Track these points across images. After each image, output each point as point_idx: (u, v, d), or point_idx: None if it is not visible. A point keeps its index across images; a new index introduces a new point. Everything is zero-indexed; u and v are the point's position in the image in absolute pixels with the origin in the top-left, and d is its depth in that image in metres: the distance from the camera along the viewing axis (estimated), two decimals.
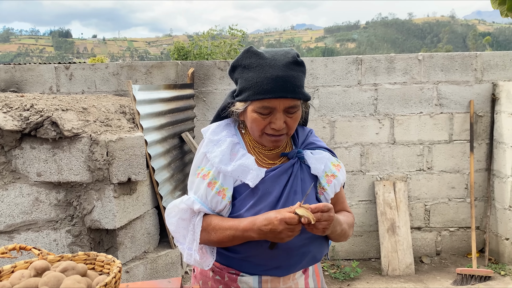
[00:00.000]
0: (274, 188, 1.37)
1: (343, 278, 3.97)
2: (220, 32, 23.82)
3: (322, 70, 4.17)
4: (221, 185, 1.36)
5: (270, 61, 1.31)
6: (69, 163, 2.45)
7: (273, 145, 1.41)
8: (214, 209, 1.38)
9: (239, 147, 1.43)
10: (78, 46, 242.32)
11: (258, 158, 1.43)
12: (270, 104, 1.30)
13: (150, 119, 2.99)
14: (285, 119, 1.33)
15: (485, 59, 4.21)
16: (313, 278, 1.52)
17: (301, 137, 1.52)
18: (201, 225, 1.37)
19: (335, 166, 1.48)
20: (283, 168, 1.40)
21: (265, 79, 1.29)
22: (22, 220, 2.48)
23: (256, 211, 1.35)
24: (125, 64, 4.11)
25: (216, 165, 1.37)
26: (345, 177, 1.54)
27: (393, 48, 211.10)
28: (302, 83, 1.35)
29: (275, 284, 1.40)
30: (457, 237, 4.41)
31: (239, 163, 1.37)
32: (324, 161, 1.45)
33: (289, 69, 1.30)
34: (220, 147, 1.40)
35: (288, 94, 1.29)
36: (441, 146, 4.28)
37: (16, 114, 2.42)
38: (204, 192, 1.37)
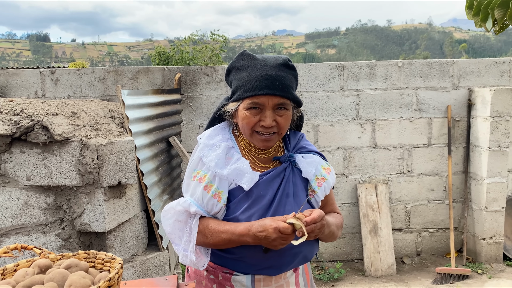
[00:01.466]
0: (267, 191, 1.42)
1: (327, 279, 4.06)
2: (202, 37, 23.88)
3: (306, 76, 4.27)
4: (217, 188, 1.41)
5: (261, 62, 1.38)
6: (59, 167, 2.47)
7: (263, 145, 1.44)
8: (210, 212, 1.43)
9: (234, 151, 1.47)
10: (56, 51, 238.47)
11: (251, 162, 1.48)
12: (259, 100, 1.36)
13: (138, 123, 3.04)
14: (275, 117, 1.38)
15: (461, 66, 4.38)
16: (303, 277, 1.58)
17: (293, 142, 1.57)
18: (198, 227, 1.42)
19: (325, 169, 1.54)
20: (275, 172, 1.45)
21: (255, 77, 1.35)
22: (11, 224, 2.49)
23: (250, 214, 1.40)
24: (111, 69, 4.14)
25: (212, 169, 1.42)
26: (335, 180, 1.60)
27: (373, 54, 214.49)
28: (292, 85, 1.41)
29: (267, 283, 1.46)
30: (437, 237, 4.56)
31: (234, 167, 1.42)
32: (314, 165, 1.51)
33: (279, 69, 1.37)
34: (216, 151, 1.45)
35: (276, 91, 1.35)
36: (421, 150, 4.43)
37: (6, 118, 2.44)
38: (200, 195, 1.41)
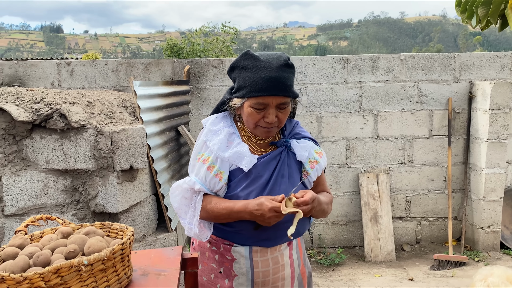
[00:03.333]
0: (264, 172, 1.61)
1: (328, 264, 4.23)
2: (213, 29, 23.97)
3: (310, 69, 4.42)
4: (219, 169, 1.59)
5: (265, 63, 1.53)
6: (76, 152, 2.67)
7: (265, 136, 1.64)
8: (212, 190, 1.61)
9: (235, 137, 1.66)
10: (69, 42, 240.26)
11: (250, 146, 1.66)
12: (264, 100, 1.53)
13: (149, 112, 3.22)
14: (276, 114, 1.56)
15: (463, 60, 4.49)
16: (296, 251, 1.75)
17: (288, 128, 1.75)
18: (201, 203, 1.61)
19: (317, 153, 1.72)
20: (272, 155, 1.64)
21: (260, 79, 1.51)
22: (32, 204, 2.70)
23: (249, 191, 1.58)
24: (123, 61, 4.33)
25: (215, 152, 1.60)
26: (326, 163, 1.77)
27: (385, 47, 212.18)
28: (292, 83, 1.59)
29: (263, 254, 1.63)
30: (436, 226, 4.70)
31: (235, 151, 1.60)
32: (308, 149, 1.69)
33: (281, 70, 1.53)
34: (219, 136, 1.63)
35: (279, 92, 1.52)
36: (421, 141, 4.56)
37: (27, 106, 2.64)
38: (204, 175, 1.60)
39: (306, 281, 1.81)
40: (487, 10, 1.91)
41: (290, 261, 1.70)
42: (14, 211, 2.68)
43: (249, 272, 1.62)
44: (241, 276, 1.63)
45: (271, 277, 1.64)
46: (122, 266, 1.31)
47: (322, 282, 3.81)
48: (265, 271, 1.63)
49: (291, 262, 1.70)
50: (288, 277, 1.69)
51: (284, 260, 1.67)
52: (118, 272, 1.30)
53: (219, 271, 1.67)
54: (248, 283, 1.63)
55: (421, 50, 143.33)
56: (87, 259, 1.17)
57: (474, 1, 2.00)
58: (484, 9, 1.93)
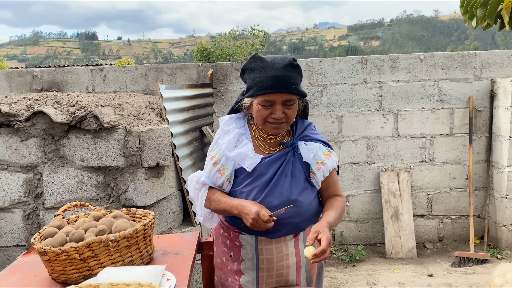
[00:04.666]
0: (267, 171, 1.74)
1: (349, 260, 4.34)
2: (242, 32, 24.27)
3: (330, 70, 4.55)
4: (222, 165, 1.78)
5: (270, 64, 1.67)
6: (108, 150, 2.92)
7: (275, 132, 1.75)
8: (215, 183, 1.80)
9: (244, 137, 1.81)
10: (103, 48, 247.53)
11: (260, 144, 1.81)
12: (270, 98, 1.66)
13: (175, 114, 3.45)
14: (283, 110, 1.69)
15: (483, 58, 4.50)
16: (304, 242, 1.83)
17: (299, 130, 1.85)
18: (206, 195, 1.81)
19: (325, 155, 1.79)
20: (277, 156, 1.76)
21: (266, 78, 1.65)
22: (69, 198, 2.97)
23: (251, 187, 1.74)
24: (152, 66, 4.59)
25: (222, 150, 1.79)
26: (336, 163, 1.83)
27: (419, 46, 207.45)
28: (297, 82, 1.71)
29: (268, 243, 1.78)
30: (459, 224, 4.72)
31: (239, 151, 1.76)
32: (314, 150, 1.78)
33: (285, 70, 1.66)
34: (229, 136, 1.80)
35: (283, 89, 1.65)
36: (442, 139, 4.60)
37: (64, 109, 2.91)
38: (209, 170, 1.80)
39: (316, 272, 1.91)
40: (485, 11, 2.01)
41: (296, 251, 1.81)
42: (53, 204, 2.95)
43: (254, 258, 1.78)
44: (247, 261, 1.79)
45: (275, 264, 1.77)
46: (144, 244, 1.51)
47: (341, 277, 3.92)
48: (269, 258, 1.77)
49: (297, 252, 1.81)
50: (293, 266, 1.80)
51: (289, 250, 1.79)
52: (141, 249, 1.50)
53: (230, 255, 1.85)
54: (254, 268, 1.79)
55: (456, 48, 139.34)
56: (114, 235, 1.37)
57: (474, 3, 2.11)
58: (482, 10, 2.04)
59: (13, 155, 2.92)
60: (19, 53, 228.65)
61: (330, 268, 4.17)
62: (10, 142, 2.91)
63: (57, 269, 1.38)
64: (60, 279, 1.40)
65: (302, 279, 1.84)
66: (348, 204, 4.72)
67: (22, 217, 2.98)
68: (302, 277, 1.84)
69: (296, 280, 1.83)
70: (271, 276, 1.81)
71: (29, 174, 2.94)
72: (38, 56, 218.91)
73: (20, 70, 4.69)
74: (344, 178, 4.67)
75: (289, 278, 1.81)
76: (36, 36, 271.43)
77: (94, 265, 1.38)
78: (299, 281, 1.84)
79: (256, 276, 1.80)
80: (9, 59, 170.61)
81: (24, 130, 2.90)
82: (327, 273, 4.02)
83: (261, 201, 1.72)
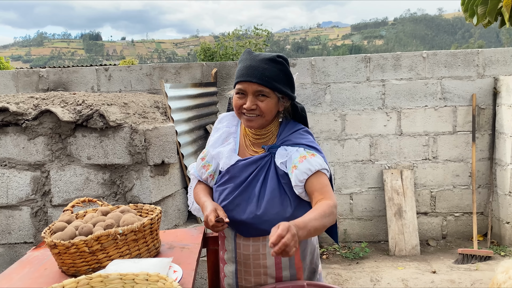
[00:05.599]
0: (241, 174, 1.74)
1: (353, 257, 4.37)
2: (246, 32, 24.30)
3: (333, 68, 4.57)
4: (207, 162, 1.82)
5: (253, 56, 1.69)
6: (114, 148, 2.96)
7: (248, 124, 1.72)
8: (201, 177, 1.84)
9: (232, 136, 1.84)
10: (107, 49, 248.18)
11: (246, 144, 1.81)
12: (242, 86, 1.66)
13: (179, 112, 3.49)
14: (256, 102, 1.67)
15: (486, 56, 4.51)
16: None
17: (284, 134, 1.76)
18: (194, 188, 1.87)
19: (301, 157, 1.67)
20: (253, 160, 1.75)
21: (242, 67, 1.67)
22: (76, 196, 3.01)
23: (224, 188, 1.75)
24: (156, 66, 4.64)
25: (209, 147, 1.84)
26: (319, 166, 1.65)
27: (423, 45, 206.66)
28: (274, 77, 1.66)
29: (246, 239, 1.76)
30: (462, 221, 4.73)
31: (219, 150, 1.79)
32: (288, 156, 1.69)
33: (262, 62, 1.65)
34: (217, 134, 1.85)
35: (253, 79, 1.63)
36: (446, 137, 4.62)
37: (71, 108, 2.95)
38: (198, 164, 1.86)
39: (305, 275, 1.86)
40: (485, 9, 2.04)
41: None
42: (60, 201, 3.00)
43: (233, 251, 1.79)
44: (229, 252, 1.81)
45: (251, 261, 1.77)
46: (151, 238, 1.55)
47: (345, 274, 3.95)
48: (246, 254, 1.77)
49: None
50: (272, 267, 1.76)
51: (266, 251, 1.75)
52: (148, 243, 1.54)
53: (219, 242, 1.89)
54: (233, 260, 1.80)
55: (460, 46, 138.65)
56: (122, 229, 1.41)
57: (474, 1, 2.13)
58: (483, 8, 2.06)
59: (21, 153, 2.97)
60: (24, 54, 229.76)
61: (333, 265, 4.20)
62: (18, 140, 2.96)
63: (67, 262, 1.42)
64: (70, 272, 1.44)
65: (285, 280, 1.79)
66: (351, 202, 4.75)
67: (30, 215, 3.03)
68: (285, 278, 1.79)
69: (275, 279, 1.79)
70: (249, 273, 1.79)
71: (37, 172, 2.99)
72: (43, 57, 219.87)
73: (26, 70, 4.75)
74: (348, 176, 4.70)
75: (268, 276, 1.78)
76: (41, 37, 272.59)
77: (103, 258, 1.42)
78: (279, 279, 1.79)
79: (235, 269, 1.81)
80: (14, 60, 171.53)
81: (31, 129, 2.94)
82: (331, 270, 4.05)
83: (230, 202, 1.72)
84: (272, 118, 1.74)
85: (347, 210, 4.76)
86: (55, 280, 1.41)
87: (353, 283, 3.77)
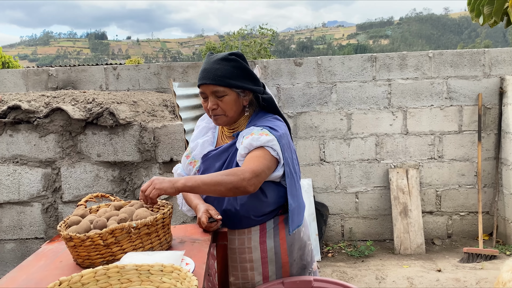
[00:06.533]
0: (215, 163, 1.80)
1: (358, 255, 4.39)
2: (251, 31, 24.36)
3: (339, 68, 4.60)
4: (193, 158, 1.89)
5: (208, 59, 1.75)
6: (123, 146, 3.01)
7: (216, 123, 1.80)
8: (189, 174, 1.90)
9: (211, 131, 1.91)
10: (113, 48, 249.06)
11: (223, 137, 1.88)
12: (202, 89, 1.74)
13: (187, 111, 3.53)
14: (216, 102, 1.72)
15: (493, 55, 4.52)
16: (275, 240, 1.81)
17: (252, 122, 1.80)
18: None
19: (250, 134, 1.70)
20: (223, 148, 1.80)
21: (200, 71, 1.75)
22: (86, 192, 3.07)
23: None
24: (164, 65, 4.69)
25: (190, 143, 1.92)
26: (259, 142, 1.65)
27: (428, 44, 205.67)
28: (227, 74, 1.68)
29: (231, 233, 1.82)
30: (467, 221, 4.74)
31: (196, 141, 1.88)
32: (245, 134, 1.73)
33: (214, 63, 1.71)
34: (197, 130, 1.94)
35: (207, 80, 1.69)
36: (451, 136, 4.63)
37: (81, 106, 3.00)
38: (184, 162, 1.93)
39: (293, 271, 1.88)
40: (491, 9, 2.07)
41: (261, 247, 1.80)
42: (71, 198, 3.05)
43: None
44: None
45: (237, 255, 1.82)
46: (163, 232, 1.59)
47: (350, 271, 3.98)
48: (232, 248, 1.82)
49: (262, 248, 1.80)
50: (258, 261, 1.81)
51: (252, 244, 1.80)
52: (160, 237, 1.58)
53: None
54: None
55: (466, 46, 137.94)
56: (136, 223, 1.46)
57: (480, 1, 2.16)
58: (489, 8, 2.09)
59: (32, 150, 3.03)
60: (30, 53, 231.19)
61: (339, 263, 4.23)
62: (30, 138, 3.02)
63: (82, 254, 1.46)
64: (85, 264, 1.48)
65: (271, 275, 1.83)
66: (357, 201, 4.77)
67: (41, 211, 3.08)
68: (271, 273, 1.83)
69: (262, 275, 1.82)
70: (236, 268, 1.83)
71: (48, 169, 3.05)
72: (49, 56, 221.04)
73: (36, 69, 4.81)
74: (353, 175, 4.72)
75: (254, 272, 1.82)
76: (47, 36, 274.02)
77: (117, 251, 1.46)
78: (266, 275, 1.83)
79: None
80: (20, 59, 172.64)
81: (43, 126, 3.00)
82: (336, 268, 4.09)
83: None
84: (237, 114, 1.78)
85: (352, 208, 4.79)
86: (70, 272, 1.45)
87: (358, 281, 3.80)
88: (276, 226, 1.84)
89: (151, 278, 1.18)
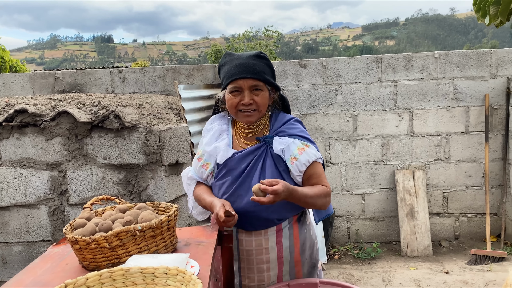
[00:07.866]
0: (239, 165, 1.81)
1: (364, 257, 4.37)
2: (256, 33, 24.39)
3: (344, 69, 4.59)
4: (206, 160, 1.88)
5: (238, 56, 1.79)
6: (129, 149, 3.02)
7: (246, 120, 1.79)
8: (201, 177, 1.90)
9: (225, 133, 1.90)
10: (119, 51, 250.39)
11: (239, 139, 1.88)
12: (237, 84, 1.74)
13: (192, 113, 3.54)
14: (252, 97, 1.75)
15: (499, 56, 4.49)
16: (289, 239, 1.84)
17: (276, 125, 1.85)
18: (193, 190, 1.94)
19: (299, 149, 1.77)
20: (249, 150, 1.82)
21: (232, 67, 1.75)
22: (92, 195, 3.08)
23: (223, 181, 1.83)
24: (170, 68, 4.70)
25: (203, 146, 1.90)
26: (315, 157, 1.78)
27: (434, 45, 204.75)
28: (264, 70, 1.76)
29: (248, 235, 1.83)
30: (475, 222, 4.71)
31: (215, 145, 1.86)
32: (286, 143, 1.78)
33: (250, 59, 1.75)
34: (210, 133, 1.92)
35: (248, 74, 1.72)
36: (458, 137, 4.60)
37: (87, 109, 3.02)
38: (195, 165, 1.92)
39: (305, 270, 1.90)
40: (497, 9, 2.05)
41: (278, 247, 1.82)
42: (77, 200, 3.06)
43: (236, 248, 1.85)
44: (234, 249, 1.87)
45: (254, 257, 1.82)
46: (168, 235, 1.59)
47: (357, 274, 3.96)
48: (248, 250, 1.82)
49: (279, 248, 1.82)
50: (275, 261, 1.82)
51: (269, 245, 1.81)
52: (165, 239, 1.58)
53: None
54: (236, 258, 1.86)
55: (473, 46, 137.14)
56: (141, 225, 1.46)
57: (486, 1, 2.14)
58: (495, 8, 2.07)
59: (39, 153, 3.05)
60: (37, 56, 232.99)
61: (345, 265, 4.21)
62: (36, 141, 3.04)
63: (88, 257, 1.47)
64: (90, 267, 1.48)
65: (285, 274, 1.85)
66: (363, 203, 4.75)
67: (47, 213, 3.10)
68: (285, 273, 1.85)
69: (277, 275, 1.84)
70: (252, 270, 1.83)
71: (54, 172, 3.06)
72: (56, 59, 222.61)
73: (42, 72, 4.85)
74: (359, 177, 4.70)
75: (270, 273, 1.83)
76: (54, 39, 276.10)
77: (122, 253, 1.47)
78: (280, 275, 1.85)
79: (238, 267, 1.86)
80: (28, 63, 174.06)
81: (49, 130, 3.02)
82: (343, 270, 4.07)
83: (231, 194, 1.79)
84: (265, 111, 1.83)
85: (358, 210, 4.77)
86: (76, 274, 1.46)
87: (365, 283, 3.78)
88: (290, 226, 1.86)
89: (156, 281, 1.18)
